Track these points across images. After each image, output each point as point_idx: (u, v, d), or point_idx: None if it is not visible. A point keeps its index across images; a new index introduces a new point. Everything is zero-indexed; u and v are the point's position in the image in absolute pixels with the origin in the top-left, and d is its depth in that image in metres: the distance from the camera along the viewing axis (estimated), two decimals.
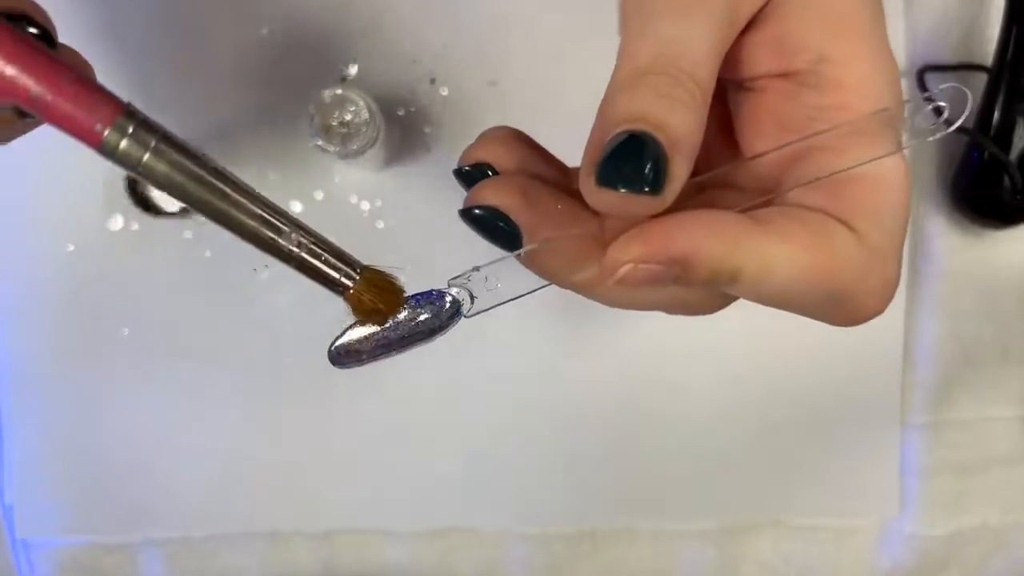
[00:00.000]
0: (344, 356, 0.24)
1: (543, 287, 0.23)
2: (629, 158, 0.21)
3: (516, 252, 0.23)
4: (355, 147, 0.37)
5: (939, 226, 0.44)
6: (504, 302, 0.23)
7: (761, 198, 0.23)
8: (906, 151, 0.23)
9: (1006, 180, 0.42)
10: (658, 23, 0.22)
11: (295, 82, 0.42)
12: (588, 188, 0.21)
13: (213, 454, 0.44)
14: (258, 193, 0.22)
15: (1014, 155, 0.42)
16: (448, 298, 0.23)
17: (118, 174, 0.42)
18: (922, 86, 0.43)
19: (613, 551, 0.46)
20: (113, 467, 0.44)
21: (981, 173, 0.42)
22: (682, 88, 0.21)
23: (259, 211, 0.22)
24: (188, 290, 0.43)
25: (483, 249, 0.23)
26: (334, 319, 0.46)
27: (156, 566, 0.45)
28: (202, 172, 0.22)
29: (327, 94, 0.37)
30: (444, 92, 0.43)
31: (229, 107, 0.43)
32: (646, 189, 0.21)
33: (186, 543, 0.45)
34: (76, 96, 0.20)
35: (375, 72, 0.42)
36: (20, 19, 0.21)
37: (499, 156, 0.24)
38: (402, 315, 0.23)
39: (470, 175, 0.24)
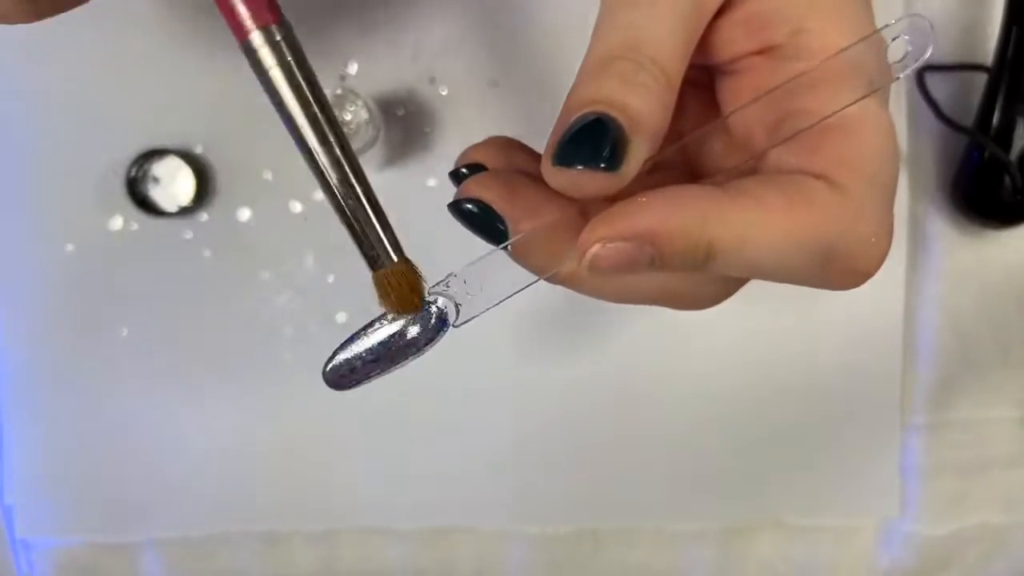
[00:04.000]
0: (338, 377, 0.24)
1: (528, 286, 0.23)
2: (588, 138, 0.21)
3: (503, 245, 0.23)
4: (355, 147, 0.37)
5: (939, 226, 0.44)
6: (490, 307, 0.23)
7: (745, 167, 0.23)
8: (887, 95, 0.23)
9: (1006, 180, 0.42)
10: (626, 11, 0.22)
11: None
12: (547, 169, 0.22)
13: (213, 454, 0.44)
14: (348, 145, 0.23)
15: (1014, 155, 0.42)
16: (433, 309, 0.23)
17: (118, 174, 0.42)
18: (921, 86, 0.43)
19: (613, 551, 0.46)
20: (113, 467, 0.44)
21: (981, 173, 0.42)
22: (645, 72, 0.21)
23: (338, 163, 0.23)
24: (188, 290, 0.43)
25: (482, 249, 0.23)
26: (334, 320, 0.46)
27: (155, 566, 0.45)
28: (311, 107, 0.23)
29: (327, 94, 0.37)
30: (444, 92, 0.43)
31: (228, 106, 0.42)
32: (602, 166, 0.21)
33: (186, 543, 0.45)
34: None
35: (375, 72, 0.42)
36: None
37: (491, 157, 0.25)
38: (393, 330, 0.23)
39: (463, 175, 0.25)
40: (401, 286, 0.23)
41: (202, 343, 0.43)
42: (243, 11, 0.22)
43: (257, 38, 0.22)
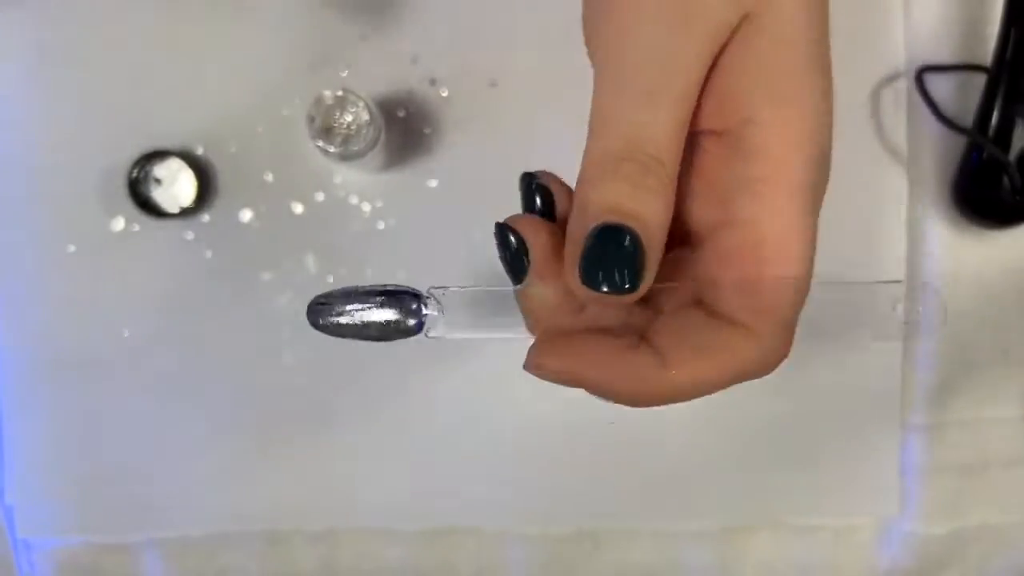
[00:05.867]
0: (316, 322, 0.25)
1: (506, 336, 0.26)
2: (608, 253, 0.23)
3: (516, 288, 0.25)
4: (356, 148, 0.38)
5: (939, 227, 0.44)
6: (464, 336, 0.25)
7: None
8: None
9: (1005, 181, 0.42)
10: (626, 107, 0.23)
11: (296, 83, 0.42)
12: (574, 283, 0.23)
13: (213, 454, 0.44)
14: None
15: (1013, 155, 0.42)
16: (424, 309, 0.25)
17: (119, 175, 0.42)
18: (921, 86, 0.43)
19: (613, 551, 0.46)
20: (113, 467, 0.44)
21: (980, 174, 0.42)
22: (652, 175, 0.23)
23: None
24: (189, 291, 0.43)
25: (479, 254, 0.24)
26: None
27: (156, 565, 0.45)
28: None
29: (327, 95, 0.37)
30: (444, 93, 0.43)
31: (230, 108, 0.43)
32: (626, 286, 0.22)
33: (186, 543, 0.45)
34: None
35: (375, 73, 0.43)
36: None
37: (563, 203, 0.25)
38: (385, 317, 0.25)
39: (531, 195, 0.25)
40: None
41: (203, 343, 0.43)
42: None
43: None
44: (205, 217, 0.43)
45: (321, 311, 0.25)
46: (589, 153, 0.23)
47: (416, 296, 0.25)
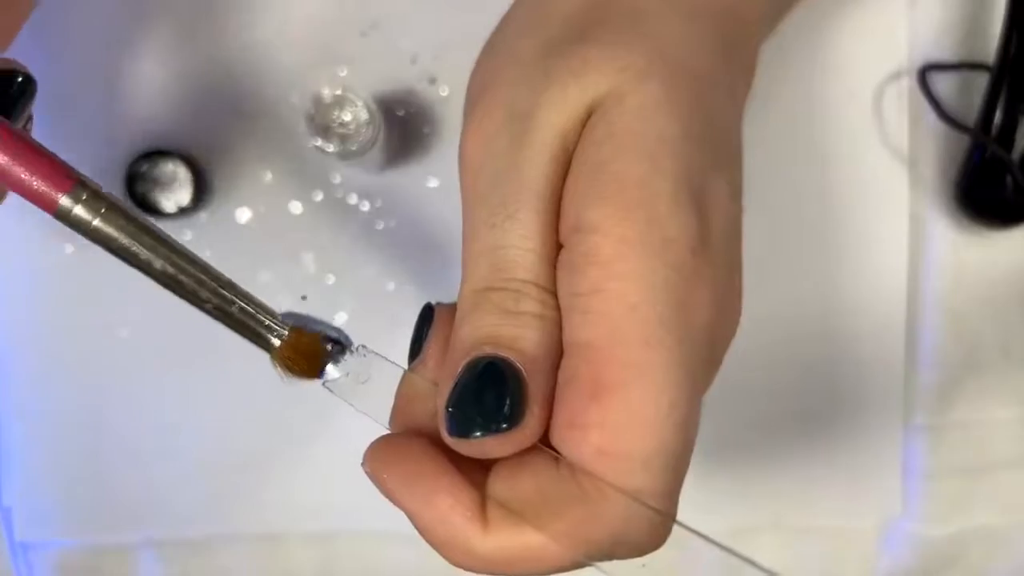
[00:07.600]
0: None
1: (378, 421, 0.24)
2: (481, 388, 0.19)
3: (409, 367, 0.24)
4: (354, 147, 0.37)
5: (941, 226, 0.44)
6: (347, 402, 0.25)
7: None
8: None
9: (1008, 180, 0.42)
10: (486, 235, 0.21)
11: (294, 82, 0.42)
12: (445, 437, 0.20)
13: (212, 454, 0.44)
14: (194, 254, 0.24)
15: (1016, 155, 0.42)
16: (335, 362, 0.25)
17: (117, 175, 0.42)
18: (924, 85, 0.43)
19: None
20: (112, 468, 0.44)
21: (983, 173, 0.42)
22: (527, 300, 0.20)
23: (197, 272, 0.24)
24: None
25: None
26: (333, 320, 0.45)
27: (155, 567, 0.45)
28: (145, 235, 0.24)
29: (327, 94, 0.37)
30: (444, 92, 0.43)
31: (227, 107, 0.42)
32: (503, 425, 0.19)
33: (185, 544, 0.45)
34: (37, 167, 0.22)
35: (375, 72, 0.42)
36: (8, 75, 0.22)
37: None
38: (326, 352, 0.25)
39: (420, 324, 0.24)
40: (305, 350, 0.25)
41: (202, 344, 0.43)
42: (41, 185, 0.22)
43: (66, 203, 0.23)
44: (203, 217, 0.43)
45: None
46: (460, 291, 0.21)
47: (343, 347, 0.24)
